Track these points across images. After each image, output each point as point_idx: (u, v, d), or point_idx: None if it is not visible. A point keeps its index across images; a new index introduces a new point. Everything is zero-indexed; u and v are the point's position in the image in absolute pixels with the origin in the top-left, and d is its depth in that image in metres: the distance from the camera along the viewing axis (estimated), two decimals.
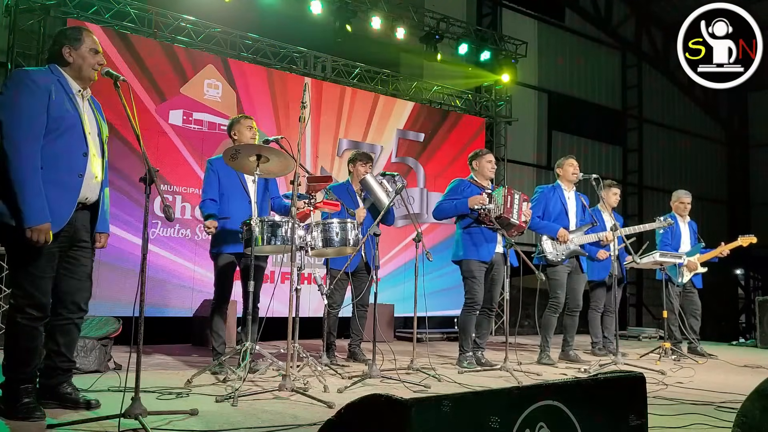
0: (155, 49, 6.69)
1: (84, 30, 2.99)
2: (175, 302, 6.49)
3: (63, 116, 2.76)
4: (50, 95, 2.73)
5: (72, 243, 2.88)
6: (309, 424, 2.73)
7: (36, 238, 2.62)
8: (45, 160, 2.69)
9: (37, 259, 2.70)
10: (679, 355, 5.81)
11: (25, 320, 2.71)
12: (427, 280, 4.54)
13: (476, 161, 5.12)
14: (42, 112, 2.70)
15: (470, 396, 1.51)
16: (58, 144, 2.74)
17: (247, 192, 4.29)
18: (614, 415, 1.82)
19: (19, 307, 2.71)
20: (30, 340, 2.75)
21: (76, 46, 2.89)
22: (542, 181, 10.94)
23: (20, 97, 2.69)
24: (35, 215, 2.61)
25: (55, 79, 2.82)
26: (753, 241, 6.46)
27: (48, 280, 2.76)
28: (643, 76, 13.64)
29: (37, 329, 2.76)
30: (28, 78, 2.75)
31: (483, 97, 9.86)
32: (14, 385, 2.72)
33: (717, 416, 3.14)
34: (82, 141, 2.83)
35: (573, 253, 5.46)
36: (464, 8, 10.62)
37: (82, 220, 2.91)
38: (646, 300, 13.09)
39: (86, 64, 2.89)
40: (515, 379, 4.24)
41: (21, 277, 2.73)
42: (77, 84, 2.90)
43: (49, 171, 2.70)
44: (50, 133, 2.72)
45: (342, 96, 8.05)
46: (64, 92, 2.81)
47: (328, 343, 4.98)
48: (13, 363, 2.74)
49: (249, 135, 4.39)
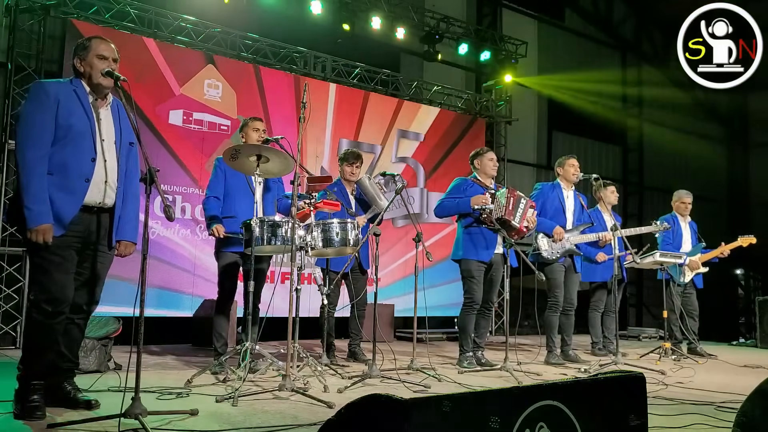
0: (155, 49, 6.69)
1: (94, 38, 3.03)
2: (175, 302, 6.49)
3: (72, 124, 2.85)
4: (59, 104, 2.83)
5: (86, 244, 2.93)
6: (309, 424, 2.73)
7: (35, 238, 2.71)
8: (54, 166, 2.81)
9: (51, 255, 2.78)
10: (679, 355, 5.81)
11: (39, 316, 2.77)
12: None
13: (478, 160, 5.13)
14: (50, 122, 2.81)
15: (470, 396, 1.52)
16: (67, 151, 2.83)
17: (253, 192, 4.30)
18: (614, 415, 1.82)
19: (35, 302, 2.80)
20: (43, 336, 2.80)
21: (83, 55, 2.96)
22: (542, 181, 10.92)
23: (31, 108, 2.84)
24: (35, 217, 2.71)
25: (71, 89, 2.92)
26: (752, 242, 6.46)
27: (63, 275, 2.82)
28: (643, 76, 13.63)
29: (51, 326, 2.80)
30: (41, 89, 2.88)
31: (483, 97, 9.86)
32: (26, 380, 2.79)
33: (717, 416, 3.14)
34: (92, 147, 2.89)
35: (568, 252, 5.46)
36: (464, 8, 10.61)
37: (97, 223, 2.96)
38: (646, 300, 13.08)
39: (94, 71, 2.93)
40: (515, 379, 4.24)
41: (36, 273, 2.83)
42: (93, 93, 2.97)
43: (58, 176, 2.81)
44: (59, 141, 2.83)
45: (342, 96, 8.05)
46: (78, 101, 2.90)
47: (328, 343, 4.99)
48: (26, 358, 2.82)
49: (255, 137, 4.41)
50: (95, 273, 2.98)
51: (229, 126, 6.99)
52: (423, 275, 4.53)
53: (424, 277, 4.65)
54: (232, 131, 6.93)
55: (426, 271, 4.73)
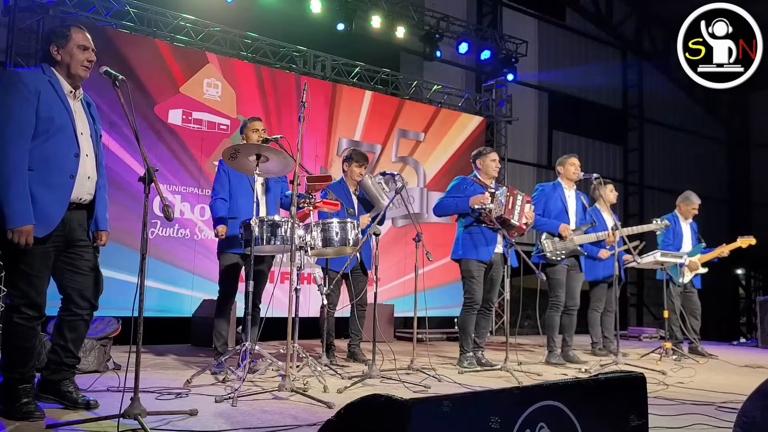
0: (154, 48, 6.69)
1: (73, 26, 2.92)
2: (175, 302, 6.48)
3: (53, 117, 2.74)
4: (39, 96, 2.71)
5: (69, 242, 2.87)
6: (309, 424, 2.73)
7: (17, 239, 2.60)
8: (36, 162, 2.68)
9: (32, 258, 2.69)
10: (679, 355, 5.80)
11: (21, 320, 2.71)
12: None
13: (480, 160, 5.10)
14: (31, 114, 2.68)
15: (470, 396, 1.51)
16: (49, 145, 2.72)
17: (255, 192, 4.29)
18: (615, 415, 1.81)
19: (15, 306, 2.72)
20: (26, 340, 2.75)
21: (63, 43, 2.85)
22: (542, 180, 10.92)
23: (8, 98, 2.68)
24: (16, 217, 2.60)
25: (46, 79, 2.79)
26: (752, 243, 6.45)
27: (43, 279, 2.76)
28: (643, 76, 13.64)
29: (34, 329, 2.76)
30: (17, 79, 2.73)
31: (483, 97, 9.86)
32: (12, 385, 2.72)
33: (717, 416, 3.13)
34: (73, 142, 2.81)
35: (572, 252, 5.45)
36: (464, 7, 10.61)
37: (77, 219, 2.90)
38: (646, 300, 13.08)
39: (74, 61, 2.84)
40: (515, 379, 4.23)
41: (17, 277, 2.73)
42: (68, 84, 2.87)
43: (40, 173, 2.69)
44: (40, 135, 2.70)
45: (342, 95, 8.04)
46: (54, 93, 2.78)
47: (328, 344, 4.98)
48: (10, 363, 2.74)
49: (255, 137, 4.40)
50: (94, 266, 2.95)
51: (228, 125, 6.98)
52: (423, 275, 4.52)
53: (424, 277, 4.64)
54: (232, 131, 6.93)
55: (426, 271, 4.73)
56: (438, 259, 7.34)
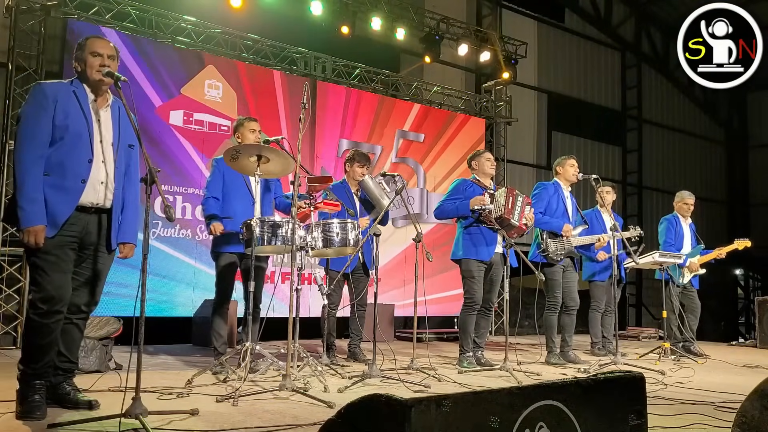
0: (156, 49, 6.70)
1: (90, 37, 3.03)
2: (176, 302, 6.49)
3: (68, 125, 2.85)
4: (56, 105, 2.84)
5: (82, 245, 2.94)
6: (309, 424, 2.74)
7: (27, 239, 2.73)
8: (52, 167, 2.82)
9: (47, 254, 2.79)
10: (678, 355, 5.81)
11: (36, 315, 2.78)
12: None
13: (475, 161, 5.15)
14: (47, 123, 2.82)
15: (470, 396, 1.52)
16: (64, 151, 2.84)
17: (250, 192, 4.29)
18: (614, 415, 1.82)
19: (32, 302, 2.81)
20: (40, 336, 2.80)
21: (80, 54, 2.97)
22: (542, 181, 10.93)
23: (28, 108, 2.86)
24: (27, 218, 2.73)
25: (71, 89, 2.92)
26: (747, 245, 6.47)
27: (61, 275, 2.83)
28: (642, 77, 13.64)
29: (48, 326, 2.80)
30: (39, 91, 2.89)
31: (483, 98, 9.87)
32: (25, 378, 2.80)
33: (716, 416, 3.14)
34: (88, 148, 2.90)
35: (569, 253, 5.47)
36: (464, 9, 10.62)
37: (95, 223, 2.96)
38: (645, 300, 13.09)
39: (89, 68, 2.93)
40: (515, 379, 4.24)
41: (33, 272, 2.84)
42: (91, 92, 2.97)
43: (54, 177, 2.82)
44: (57, 141, 2.84)
45: (342, 96, 8.06)
46: (76, 101, 2.90)
47: (328, 343, 4.99)
48: (25, 356, 2.83)
49: (252, 138, 4.40)
50: (95, 273, 2.99)
51: (229, 126, 6.99)
52: (423, 275, 4.53)
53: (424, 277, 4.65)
54: (233, 132, 6.93)
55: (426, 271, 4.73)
56: (438, 259, 7.35)
